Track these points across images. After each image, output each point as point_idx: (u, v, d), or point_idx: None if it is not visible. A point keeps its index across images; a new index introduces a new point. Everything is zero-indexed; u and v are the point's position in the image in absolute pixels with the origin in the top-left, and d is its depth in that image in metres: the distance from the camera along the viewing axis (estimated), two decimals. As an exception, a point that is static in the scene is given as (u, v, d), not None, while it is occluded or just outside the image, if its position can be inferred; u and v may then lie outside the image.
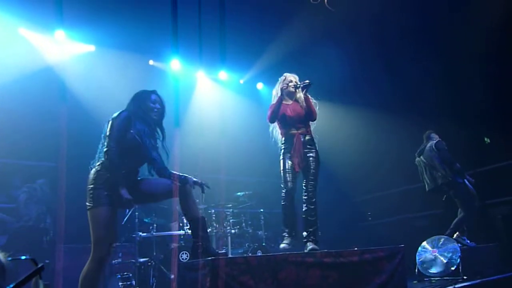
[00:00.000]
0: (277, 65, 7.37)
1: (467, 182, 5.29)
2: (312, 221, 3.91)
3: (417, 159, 5.62)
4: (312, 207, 3.93)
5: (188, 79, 7.59)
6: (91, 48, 6.44)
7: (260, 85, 8.41)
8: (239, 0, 6.23)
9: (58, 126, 4.84)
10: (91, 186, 2.99)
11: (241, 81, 8.21)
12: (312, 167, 3.99)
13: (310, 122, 4.18)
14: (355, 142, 7.56)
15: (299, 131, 4.03)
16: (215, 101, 7.75)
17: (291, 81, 4.17)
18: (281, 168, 3.98)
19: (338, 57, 7.16)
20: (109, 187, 2.98)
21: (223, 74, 7.70)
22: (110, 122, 3.10)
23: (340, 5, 5.61)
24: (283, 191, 3.94)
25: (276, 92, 4.23)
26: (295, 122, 4.06)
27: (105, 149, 3.01)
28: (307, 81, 4.08)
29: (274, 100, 4.20)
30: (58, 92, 5.57)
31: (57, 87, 5.70)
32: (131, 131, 3.10)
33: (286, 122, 4.07)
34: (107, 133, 3.05)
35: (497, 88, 6.20)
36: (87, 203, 3.00)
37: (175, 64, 6.93)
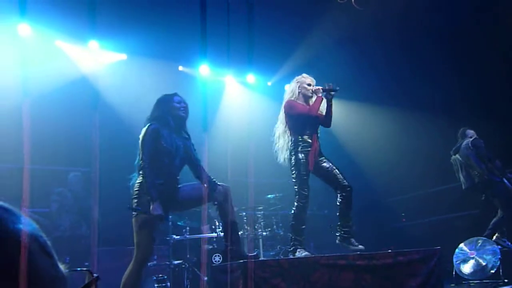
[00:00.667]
0: (305, 66, 7.34)
1: (505, 180, 5.09)
2: (350, 214, 3.87)
3: (453, 157, 5.47)
4: (349, 199, 3.85)
5: (216, 84, 7.69)
6: (123, 56, 6.65)
7: (288, 87, 8.39)
8: (267, 3, 6.27)
9: (92, 134, 5.04)
10: (136, 194, 3.14)
11: (269, 83, 8.23)
12: (337, 167, 3.92)
13: (322, 127, 4.09)
14: (386, 142, 7.43)
15: (315, 134, 3.95)
16: (243, 104, 7.81)
17: (309, 84, 4.04)
18: (297, 171, 3.79)
19: (366, 57, 7.07)
20: None
21: (251, 77, 7.75)
22: (141, 139, 3.22)
23: (366, 4, 5.55)
24: (301, 195, 3.76)
25: (293, 90, 4.08)
26: (312, 125, 3.94)
27: (140, 168, 3.15)
28: (333, 86, 3.89)
29: (289, 96, 4.09)
30: (92, 101, 5.79)
31: (92, 95, 5.92)
32: (162, 142, 3.20)
33: (303, 124, 3.91)
34: (140, 151, 3.19)
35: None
36: (133, 211, 3.13)
37: (204, 69, 7.04)
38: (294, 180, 3.85)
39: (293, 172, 3.85)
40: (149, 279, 4.91)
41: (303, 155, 3.83)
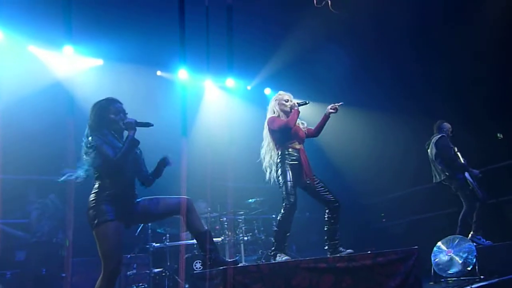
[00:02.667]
0: (284, 69, 7.40)
1: (467, 175, 5.24)
2: (337, 228, 3.97)
3: (428, 150, 5.61)
4: (337, 214, 3.96)
5: (195, 88, 7.64)
6: (99, 62, 6.54)
7: (268, 91, 8.43)
8: (245, 9, 6.27)
9: (67, 141, 4.92)
10: (93, 204, 3.02)
11: (249, 87, 8.24)
12: (320, 180, 4.03)
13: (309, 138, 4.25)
14: (363, 143, 7.54)
15: (302, 147, 4.08)
16: (223, 109, 7.79)
17: (287, 100, 4.19)
18: (284, 179, 3.89)
19: (343, 60, 7.15)
20: (110, 202, 3.02)
21: (231, 81, 7.74)
22: (90, 144, 3.07)
23: (342, 8, 5.62)
24: (288, 203, 3.83)
25: (272, 108, 4.20)
26: (298, 138, 4.08)
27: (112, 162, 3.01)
28: (307, 101, 4.15)
29: (270, 114, 4.18)
30: (67, 107, 5.66)
31: (67, 102, 5.79)
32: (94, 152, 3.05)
33: (290, 137, 4.03)
34: (97, 154, 3.03)
35: (507, 82, 6.12)
36: (91, 222, 3.01)
37: (182, 74, 6.99)
38: (281, 189, 3.93)
39: (280, 181, 3.94)
40: (129, 288, 4.84)
41: (289, 166, 3.93)
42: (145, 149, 3.40)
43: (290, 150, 3.99)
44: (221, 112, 7.72)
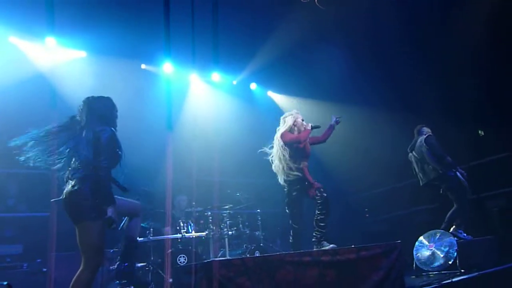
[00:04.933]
0: (270, 65, 7.38)
1: (459, 174, 5.31)
2: (325, 225, 4.26)
3: (410, 154, 5.65)
4: (325, 212, 4.28)
5: (181, 82, 7.57)
6: (82, 54, 6.42)
7: (253, 86, 8.42)
8: (231, 2, 6.23)
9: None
10: (88, 199, 2.96)
11: (234, 82, 8.21)
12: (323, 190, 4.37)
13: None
14: (349, 140, 7.57)
15: (307, 164, 4.48)
16: (208, 103, 7.75)
17: (302, 120, 4.63)
18: (290, 210, 4.35)
19: (330, 56, 7.17)
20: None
21: (216, 76, 7.69)
22: (104, 142, 3.02)
23: (329, 4, 5.64)
24: (294, 230, 4.35)
25: (290, 124, 4.54)
26: (307, 156, 4.50)
27: (101, 167, 2.95)
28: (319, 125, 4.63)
29: (285, 128, 4.51)
30: (49, 99, 5.54)
31: (49, 94, 5.67)
32: (117, 150, 3.08)
33: (301, 156, 4.43)
34: (101, 152, 2.99)
35: (489, 81, 6.22)
36: (83, 216, 2.95)
37: (167, 68, 6.92)
38: (288, 212, 4.39)
39: (287, 210, 4.41)
40: (112, 283, 4.78)
41: (296, 194, 4.35)
42: (131, 143, 3.35)
43: (296, 172, 4.34)
44: (207, 107, 7.68)
